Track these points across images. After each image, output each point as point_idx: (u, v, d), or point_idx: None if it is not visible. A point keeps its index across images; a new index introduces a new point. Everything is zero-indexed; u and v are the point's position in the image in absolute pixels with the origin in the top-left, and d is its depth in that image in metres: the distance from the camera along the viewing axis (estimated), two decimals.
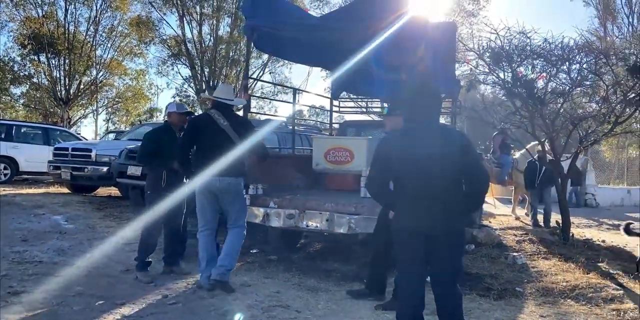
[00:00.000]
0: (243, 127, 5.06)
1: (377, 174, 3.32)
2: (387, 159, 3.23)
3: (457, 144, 3.13)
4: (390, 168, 3.22)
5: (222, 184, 4.90)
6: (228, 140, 4.90)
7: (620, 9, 23.41)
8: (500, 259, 6.61)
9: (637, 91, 7.36)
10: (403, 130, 3.36)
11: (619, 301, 5.07)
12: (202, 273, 5.06)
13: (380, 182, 3.32)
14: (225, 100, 5.08)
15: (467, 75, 8.64)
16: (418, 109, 3.26)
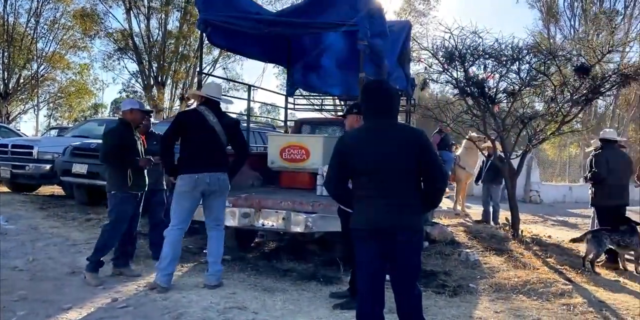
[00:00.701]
0: (231, 125, 5.11)
1: (336, 172, 3.27)
2: (345, 157, 3.18)
3: (415, 143, 3.11)
4: (348, 166, 3.18)
5: (212, 179, 4.92)
6: (216, 138, 4.93)
7: (562, 12, 24.33)
8: (454, 255, 6.69)
9: (582, 92, 7.61)
10: (362, 129, 3.32)
11: (569, 296, 5.20)
12: (161, 271, 4.90)
13: (338, 180, 3.28)
14: (215, 98, 5.09)
15: (422, 74, 8.73)
16: (377, 107, 3.22)
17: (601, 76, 7.58)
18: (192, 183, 4.89)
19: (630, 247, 6.41)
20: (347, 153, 3.17)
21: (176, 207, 4.97)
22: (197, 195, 4.96)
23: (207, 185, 4.92)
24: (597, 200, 6.99)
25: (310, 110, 10.46)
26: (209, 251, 5.11)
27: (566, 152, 22.91)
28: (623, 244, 6.35)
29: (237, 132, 5.16)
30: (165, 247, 4.93)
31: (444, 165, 3.24)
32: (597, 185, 6.88)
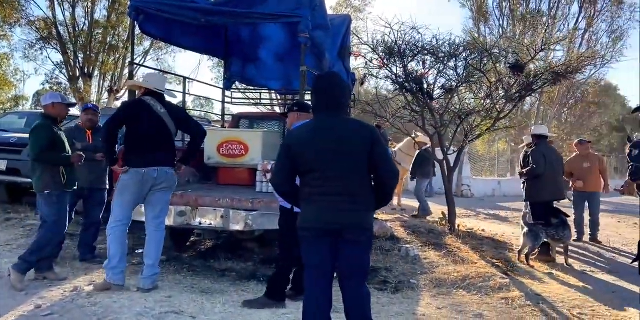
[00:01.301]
0: (180, 112, 5.01)
1: (283, 168, 3.16)
2: (294, 152, 3.07)
3: (367, 139, 3.03)
4: (297, 163, 3.06)
5: (160, 173, 4.72)
6: (165, 128, 4.76)
7: (492, 12, 25.10)
8: (394, 251, 6.69)
9: (517, 88, 7.80)
10: (312, 123, 3.18)
11: (507, 290, 5.29)
12: (112, 270, 4.65)
13: (285, 177, 3.16)
14: (161, 91, 4.87)
15: (361, 69, 8.68)
16: (328, 101, 3.12)
17: (534, 74, 7.78)
18: (139, 177, 4.67)
19: (563, 240, 6.62)
20: (296, 148, 3.06)
21: (120, 201, 4.72)
22: (143, 190, 4.73)
23: (154, 181, 4.71)
24: (534, 196, 7.13)
25: (248, 104, 10.18)
26: (147, 252, 4.82)
27: (495, 147, 23.70)
28: (557, 237, 6.55)
29: (187, 117, 5.08)
30: (111, 244, 4.69)
31: (393, 162, 3.14)
32: (533, 180, 7.03)
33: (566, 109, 28.10)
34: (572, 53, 13.87)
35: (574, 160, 8.83)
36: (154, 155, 4.69)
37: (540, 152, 6.95)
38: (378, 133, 3.17)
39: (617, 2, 23.92)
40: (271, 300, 4.44)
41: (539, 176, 6.88)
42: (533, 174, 6.92)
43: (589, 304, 4.94)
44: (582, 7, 24.04)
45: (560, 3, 23.78)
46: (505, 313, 4.60)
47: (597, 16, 24.09)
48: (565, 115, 29.44)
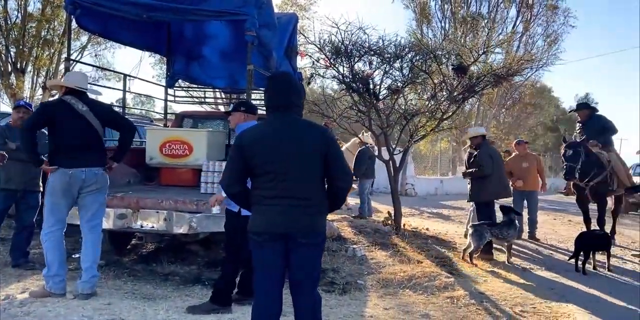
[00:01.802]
0: (106, 109, 4.82)
1: (234, 170, 3.06)
2: (245, 154, 2.97)
3: (321, 140, 2.97)
4: (248, 164, 2.97)
5: (88, 175, 4.53)
6: (90, 127, 4.56)
7: (434, 14, 25.62)
8: (341, 251, 6.69)
9: (460, 90, 7.95)
10: (264, 124, 3.10)
11: (452, 289, 5.37)
12: (52, 278, 4.45)
13: (236, 179, 3.06)
14: (82, 89, 4.65)
15: (308, 68, 8.64)
16: (281, 102, 3.04)
17: (476, 76, 7.95)
18: (66, 179, 4.45)
19: (507, 239, 6.79)
20: (247, 150, 2.96)
21: (51, 206, 4.50)
22: (72, 192, 4.52)
23: (82, 182, 4.51)
24: (479, 196, 7.26)
25: (192, 102, 9.95)
26: (84, 256, 4.60)
27: (437, 147, 24.23)
28: (501, 236, 6.71)
29: (115, 114, 4.93)
30: (48, 252, 4.48)
31: (347, 164, 3.10)
32: (479, 180, 7.17)
33: (504, 110, 29.03)
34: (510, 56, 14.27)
35: (513, 160, 9.10)
36: (80, 156, 4.50)
37: (486, 153, 7.11)
38: (332, 135, 3.14)
39: (552, 8, 24.90)
40: (217, 305, 4.32)
41: (487, 176, 7.03)
42: (481, 174, 7.06)
43: (529, 301, 5.08)
44: (520, 11, 24.90)
45: (499, 7, 24.54)
46: (451, 312, 4.65)
47: (533, 20, 25.02)
48: (503, 116, 30.42)
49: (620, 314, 4.77)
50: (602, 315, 4.69)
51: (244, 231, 3.11)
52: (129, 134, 4.95)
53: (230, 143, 6.72)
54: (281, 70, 5.36)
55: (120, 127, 4.89)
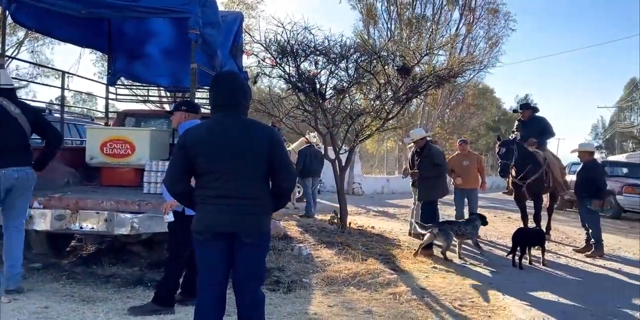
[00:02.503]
0: (33, 114, 4.76)
1: (178, 169, 3.03)
2: (189, 153, 2.95)
3: (266, 140, 2.98)
4: (192, 163, 2.95)
5: (20, 174, 4.57)
6: (20, 129, 4.60)
7: (381, 15, 25.93)
8: (287, 250, 6.71)
9: (404, 90, 8.11)
10: (209, 123, 3.08)
11: (394, 285, 5.48)
12: None
13: (179, 178, 3.04)
14: (7, 86, 4.62)
15: (254, 68, 8.60)
16: (227, 101, 3.03)
17: (419, 77, 8.13)
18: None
19: (467, 236, 7.08)
20: (191, 149, 2.95)
21: None
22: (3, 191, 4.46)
23: (14, 181, 4.49)
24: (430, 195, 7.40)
25: (135, 101, 9.71)
26: (7, 255, 4.56)
27: (384, 146, 24.61)
28: (460, 232, 6.99)
29: (45, 122, 4.87)
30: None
31: (292, 164, 3.12)
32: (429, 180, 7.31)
33: (448, 110, 29.70)
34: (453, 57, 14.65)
35: (455, 158, 9.36)
36: (11, 156, 4.51)
37: (439, 152, 7.29)
38: (278, 135, 3.14)
39: (493, 11, 25.66)
40: (159, 306, 4.27)
41: (439, 176, 7.20)
42: (439, 174, 7.24)
43: (468, 295, 5.25)
44: (463, 14, 25.50)
45: (442, 9, 25.08)
46: (393, 308, 4.75)
47: (475, 23, 25.68)
48: (447, 116, 31.14)
49: (552, 306, 4.99)
50: (536, 307, 4.91)
51: (188, 231, 3.09)
52: (55, 144, 4.94)
53: (174, 142, 6.63)
54: (226, 70, 5.32)
55: (47, 136, 4.89)
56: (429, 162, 7.31)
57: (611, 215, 13.87)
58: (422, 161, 7.38)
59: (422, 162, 7.38)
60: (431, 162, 7.30)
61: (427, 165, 7.33)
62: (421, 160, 7.41)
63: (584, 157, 7.80)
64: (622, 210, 13.96)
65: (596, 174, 7.68)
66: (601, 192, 7.50)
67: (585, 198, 7.57)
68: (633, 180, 14.48)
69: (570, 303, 5.07)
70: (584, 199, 7.61)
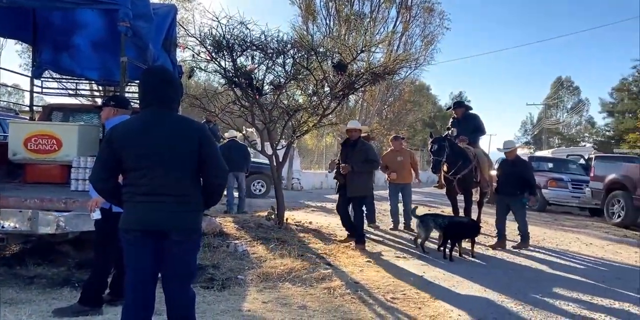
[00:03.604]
0: None
1: (104, 165, 2.96)
2: (116, 149, 2.89)
3: (195, 136, 2.95)
4: (119, 160, 2.89)
5: None
6: None
7: (319, 11, 26.04)
8: (222, 247, 6.65)
9: (341, 87, 8.18)
10: (138, 119, 3.02)
11: (329, 280, 5.54)
12: None
13: (106, 175, 2.97)
14: None
15: (189, 62, 8.44)
16: (156, 96, 2.98)
17: (355, 73, 8.23)
18: None
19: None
20: (119, 144, 2.89)
21: None
22: None
23: None
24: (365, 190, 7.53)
25: (63, 95, 9.32)
26: None
27: (323, 141, 24.76)
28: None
29: None
30: None
31: (222, 160, 3.09)
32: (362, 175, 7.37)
33: (386, 106, 30.25)
34: (390, 54, 14.93)
35: (389, 154, 9.54)
36: None
37: (372, 148, 7.36)
38: (208, 131, 3.11)
39: (429, 10, 26.31)
40: (86, 307, 4.14)
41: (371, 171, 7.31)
42: (372, 168, 7.33)
43: (400, 288, 5.38)
44: (400, 12, 26.02)
45: (380, 7, 25.48)
46: (327, 302, 4.81)
47: (412, 21, 26.26)
48: (385, 112, 31.69)
49: (479, 296, 5.18)
50: (463, 298, 5.10)
51: (115, 229, 3.02)
52: None
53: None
54: (157, 65, 5.20)
55: None
56: (361, 156, 7.32)
57: (537, 208, 14.57)
58: (355, 155, 7.35)
59: (355, 156, 7.35)
60: (364, 157, 7.33)
61: (359, 159, 7.32)
62: (353, 154, 7.38)
63: (512, 154, 8.07)
64: (547, 203, 14.69)
65: (528, 170, 8.00)
66: (534, 188, 7.83)
67: (520, 194, 7.77)
68: (557, 174, 15.25)
69: (495, 293, 5.28)
70: (517, 195, 7.78)
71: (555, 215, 13.95)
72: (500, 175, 8.10)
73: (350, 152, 7.43)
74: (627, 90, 44.22)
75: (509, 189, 7.82)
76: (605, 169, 12.73)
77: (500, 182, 8.04)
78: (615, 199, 11.76)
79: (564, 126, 56.76)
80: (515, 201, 7.82)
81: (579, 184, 14.33)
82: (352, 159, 7.36)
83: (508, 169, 8.00)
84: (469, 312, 4.62)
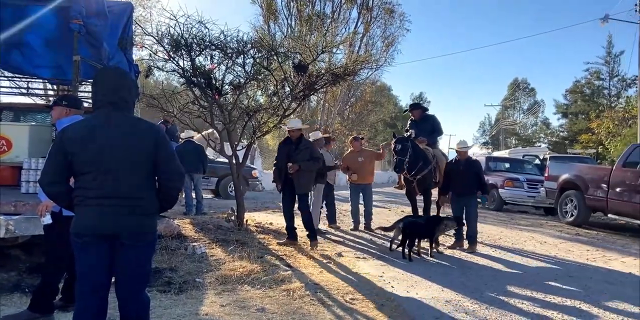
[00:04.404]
0: None
1: (54, 168, 2.88)
2: (67, 151, 2.81)
3: (150, 139, 2.89)
4: (70, 162, 2.81)
5: None
6: None
7: (281, 10, 26.00)
8: (180, 250, 6.55)
9: (300, 88, 8.17)
10: (90, 120, 2.95)
11: (289, 281, 5.52)
12: None
13: (56, 177, 2.88)
14: None
15: (146, 61, 8.28)
16: (110, 98, 2.91)
17: (316, 74, 8.23)
18: None
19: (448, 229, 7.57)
20: (71, 146, 2.81)
21: None
22: None
23: None
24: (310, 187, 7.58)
25: (15, 93, 9.01)
26: None
27: None
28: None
29: None
30: None
31: (178, 163, 3.03)
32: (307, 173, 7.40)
33: (348, 107, 30.44)
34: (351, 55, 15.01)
35: (350, 155, 9.58)
36: None
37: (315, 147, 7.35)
38: (163, 133, 3.05)
39: (389, 11, 26.58)
40: (36, 313, 4.01)
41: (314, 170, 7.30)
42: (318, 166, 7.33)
43: (359, 289, 5.39)
44: (361, 13, 26.21)
45: (341, 7, 25.60)
46: (286, 304, 4.79)
47: (372, 22, 26.48)
48: (347, 113, 31.88)
49: (437, 296, 5.25)
50: (422, 297, 5.15)
51: (66, 233, 2.93)
52: None
53: None
54: (111, 65, 5.08)
55: None
56: (306, 155, 7.31)
57: (494, 208, 14.90)
58: (299, 154, 7.35)
59: (299, 155, 7.35)
60: (309, 155, 7.32)
61: (304, 158, 7.32)
62: (298, 153, 7.37)
63: (465, 154, 8.14)
64: (504, 202, 15.02)
65: (480, 170, 8.15)
66: (487, 187, 7.97)
67: (474, 194, 7.86)
68: (514, 174, 15.62)
69: (453, 292, 5.36)
70: (472, 195, 7.86)
71: (511, 214, 14.28)
72: (452, 176, 8.03)
73: (293, 151, 7.42)
74: (580, 92, 45.68)
75: (463, 189, 7.87)
76: (559, 169, 13.08)
77: (455, 183, 7.99)
78: (568, 198, 12.11)
79: (520, 127, 58.21)
80: (470, 201, 7.89)
81: (535, 183, 14.70)
82: (296, 157, 7.37)
83: (460, 169, 7.95)
84: (427, 312, 4.68)
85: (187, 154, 10.03)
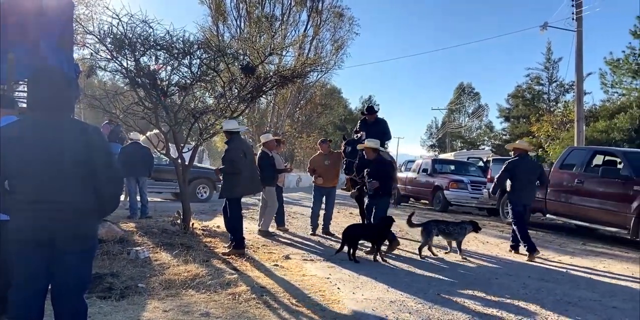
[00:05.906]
0: None
1: None
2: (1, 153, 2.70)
3: (87, 142, 2.81)
4: (4, 165, 2.70)
5: None
6: None
7: (230, 12, 25.77)
8: (122, 254, 6.38)
9: (248, 89, 8.11)
10: (25, 122, 2.83)
11: (234, 285, 5.46)
12: None
13: None
14: None
15: (87, 60, 8.02)
16: (46, 99, 2.81)
17: (264, 76, 8.19)
18: None
19: (454, 236, 7.64)
20: (4, 148, 2.69)
21: None
22: None
23: None
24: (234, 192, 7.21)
25: None
26: None
27: None
28: (447, 232, 7.58)
29: None
30: None
31: (117, 166, 2.95)
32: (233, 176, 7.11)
33: (298, 109, 30.47)
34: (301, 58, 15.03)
35: (317, 158, 9.55)
36: None
37: (239, 148, 7.14)
38: (100, 136, 2.97)
39: (338, 15, 26.80)
40: None
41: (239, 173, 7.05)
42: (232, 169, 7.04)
43: (306, 291, 5.40)
44: (310, 16, 26.30)
45: (291, 10, 25.62)
46: (232, 308, 4.73)
47: (322, 25, 26.63)
48: (297, 115, 31.91)
49: (382, 296, 5.31)
50: (367, 298, 5.20)
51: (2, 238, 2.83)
52: None
53: None
54: (48, 64, 4.88)
55: None
56: (225, 157, 7.17)
57: (439, 209, 15.23)
58: (224, 157, 7.23)
59: (223, 157, 7.24)
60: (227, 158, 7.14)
61: (224, 161, 7.19)
62: (224, 155, 7.26)
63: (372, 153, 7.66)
64: (449, 203, 15.37)
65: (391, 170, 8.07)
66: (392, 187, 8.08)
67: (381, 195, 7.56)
68: (458, 176, 16.01)
69: (398, 292, 5.44)
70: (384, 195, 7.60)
71: (456, 215, 14.60)
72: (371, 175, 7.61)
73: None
74: (522, 97, 47.25)
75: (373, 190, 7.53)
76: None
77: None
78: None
79: (465, 130, 59.72)
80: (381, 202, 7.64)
81: (478, 185, 15.11)
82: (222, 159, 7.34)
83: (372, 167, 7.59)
84: (372, 312, 4.73)
85: (133, 156, 9.81)
